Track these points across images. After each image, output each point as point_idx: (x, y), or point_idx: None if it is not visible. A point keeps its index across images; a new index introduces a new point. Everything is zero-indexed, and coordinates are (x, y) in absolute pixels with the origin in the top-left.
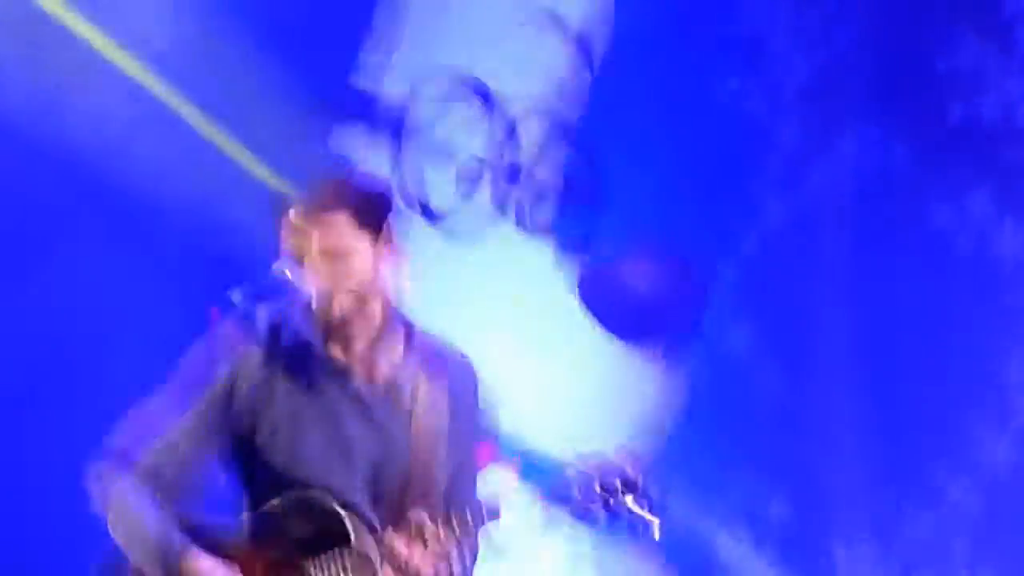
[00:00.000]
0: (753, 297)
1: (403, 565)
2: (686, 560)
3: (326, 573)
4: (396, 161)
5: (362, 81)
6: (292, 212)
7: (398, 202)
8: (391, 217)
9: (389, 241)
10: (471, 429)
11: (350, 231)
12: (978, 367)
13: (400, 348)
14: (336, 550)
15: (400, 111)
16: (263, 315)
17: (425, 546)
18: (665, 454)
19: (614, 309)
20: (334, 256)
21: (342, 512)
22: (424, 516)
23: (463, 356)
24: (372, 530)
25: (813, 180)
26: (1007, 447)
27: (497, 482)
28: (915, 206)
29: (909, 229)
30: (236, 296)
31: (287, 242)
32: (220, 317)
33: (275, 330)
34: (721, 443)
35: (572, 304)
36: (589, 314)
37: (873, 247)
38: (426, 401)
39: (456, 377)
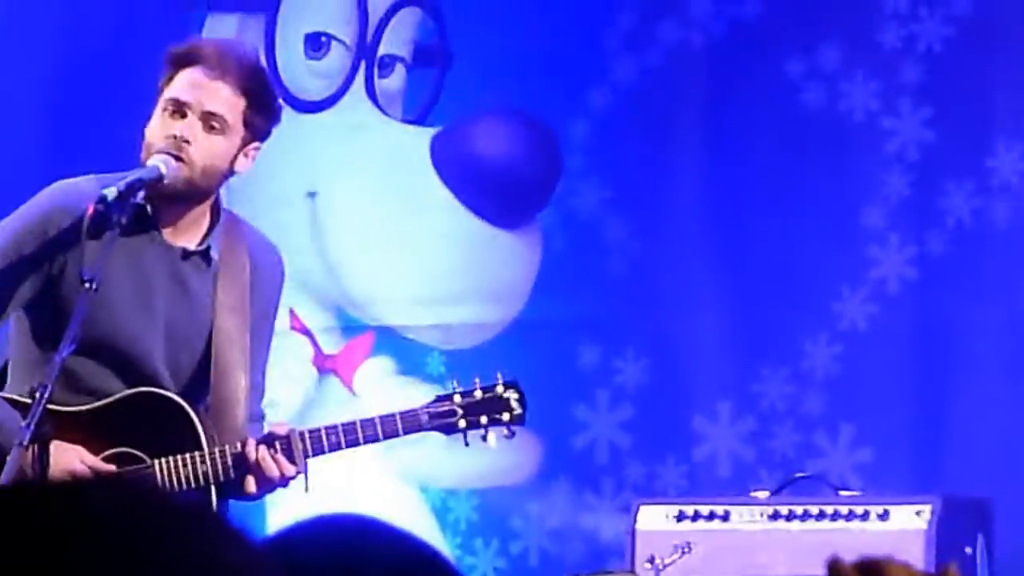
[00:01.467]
0: (604, 155)
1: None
2: (543, 425)
3: (173, 475)
4: (268, 50)
5: None
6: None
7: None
8: (266, 136)
9: (249, 156)
10: (271, 307)
11: (236, 114)
12: (831, 221)
13: (210, 214)
14: (188, 455)
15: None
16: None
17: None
18: (521, 320)
19: (468, 176)
20: (206, 122)
21: (193, 416)
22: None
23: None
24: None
25: (664, 34)
26: (862, 301)
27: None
28: (767, 59)
29: (761, 82)
30: (111, 192)
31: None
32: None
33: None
34: (576, 308)
35: (425, 172)
36: (443, 183)
37: (725, 101)
38: (230, 260)
39: (257, 248)
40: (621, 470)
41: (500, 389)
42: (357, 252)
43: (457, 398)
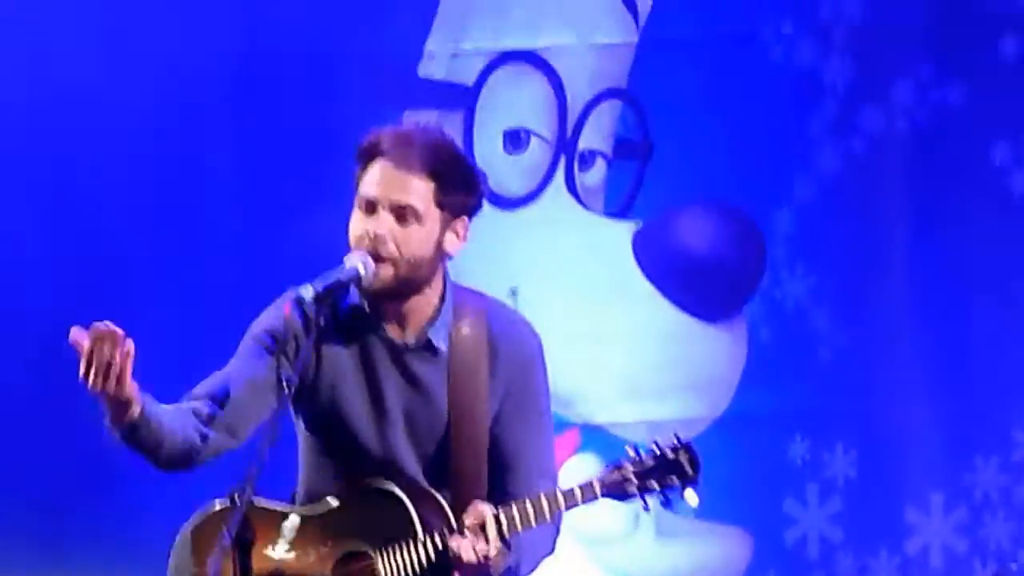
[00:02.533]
0: (809, 245)
1: (465, 564)
2: (753, 520)
3: (394, 565)
4: (467, 146)
5: (427, 68)
6: (374, 159)
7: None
8: (475, 209)
9: (459, 234)
10: (523, 385)
11: (426, 200)
12: None
13: (436, 301)
14: (403, 543)
15: (466, 95)
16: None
17: (487, 541)
18: (729, 413)
19: (670, 269)
20: (397, 215)
21: (408, 504)
22: (483, 513)
23: (509, 309)
24: (424, 496)
25: (868, 123)
26: None
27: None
28: (973, 145)
29: (966, 168)
30: (307, 292)
31: (360, 187)
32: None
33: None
34: (783, 400)
35: (628, 267)
36: (647, 277)
37: (930, 188)
38: (462, 347)
39: (499, 325)
40: (832, 564)
41: (671, 453)
42: (561, 348)
43: (629, 465)
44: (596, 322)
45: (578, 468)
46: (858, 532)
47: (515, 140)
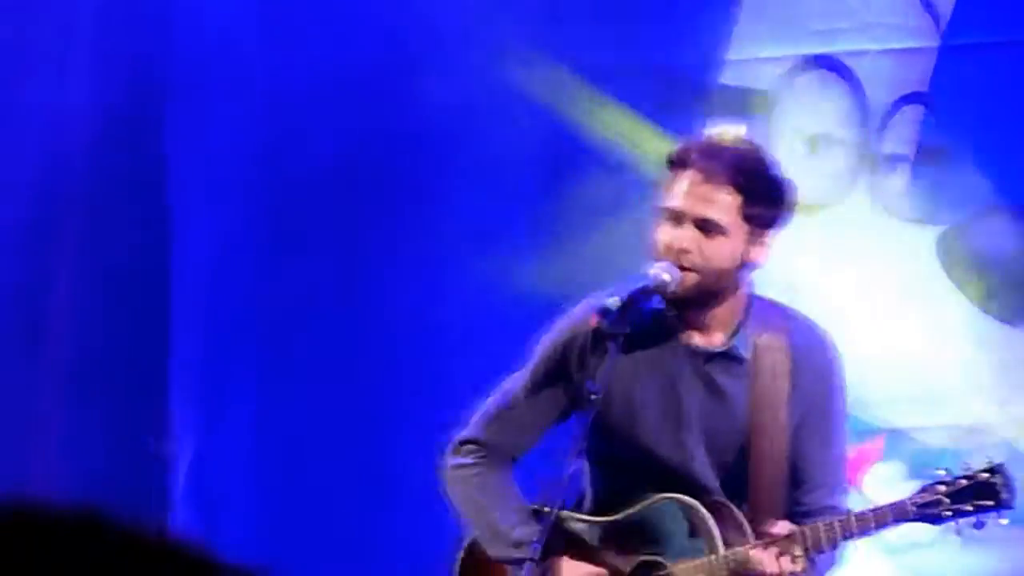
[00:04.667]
0: None
1: None
2: None
3: None
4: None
5: (728, 76)
6: (682, 170)
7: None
8: (781, 221)
9: (765, 245)
10: (822, 400)
11: (731, 214)
12: None
13: (740, 310)
14: (703, 559)
15: (768, 102)
16: (614, 296)
17: (793, 561)
18: None
19: (975, 273)
20: (702, 228)
21: (709, 519)
22: (791, 528)
23: (810, 321)
24: (722, 509)
25: None
26: None
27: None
28: None
29: None
30: (613, 302)
31: (667, 197)
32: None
33: (623, 307)
34: None
35: (933, 272)
36: (952, 282)
37: None
38: (765, 358)
39: (800, 337)
40: None
41: (985, 475)
42: (865, 353)
43: (942, 487)
44: (900, 326)
45: (883, 474)
46: None
47: (817, 146)
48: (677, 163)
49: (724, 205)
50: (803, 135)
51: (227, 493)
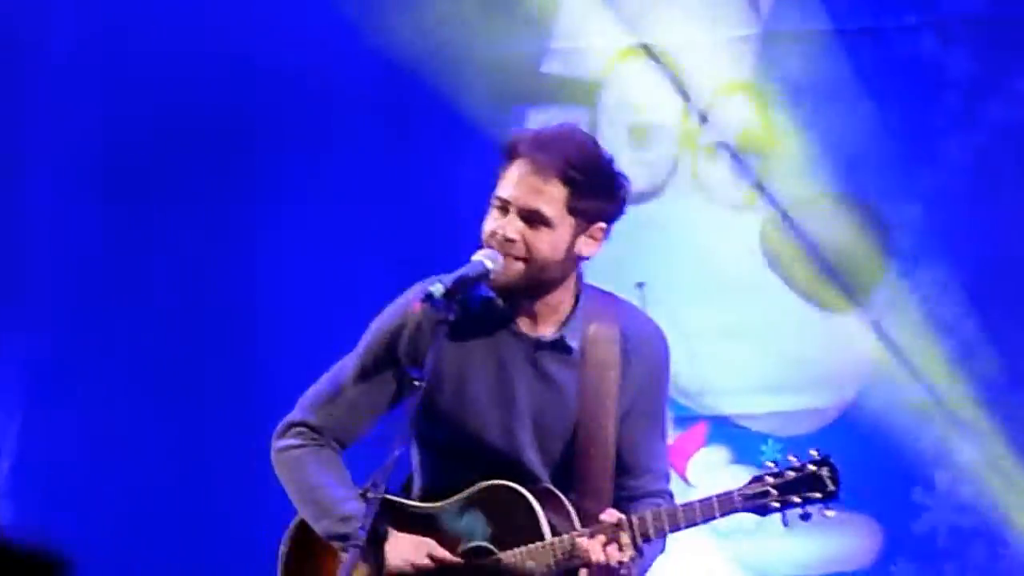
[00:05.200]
0: (935, 236)
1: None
2: (882, 509)
3: (517, 568)
4: None
5: (552, 65)
6: (513, 160)
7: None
8: (612, 215)
9: (596, 238)
10: (651, 388)
11: (557, 207)
12: None
13: (569, 301)
14: (530, 547)
15: (591, 91)
16: (437, 283)
17: (620, 549)
18: (857, 403)
19: (798, 262)
20: (527, 219)
21: (536, 506)
22: (619, 517)
23: (640, 311)
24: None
25: (990, 114)
26: None
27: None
28: None
29: None
30: (437, 289)
31: (497, 185)
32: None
33: (447, 293)
34: (911, 390)
35: (755, 259)
36: (773, 269)
37: None
38: (594, 348)
39: (630, 327)
40: (963, 553)
41: (813, 467)
42: (689, 342)
43: (769, 479)
44: (724, 315)
45: (706, 460)
46: (988, 520)
47: (639, 135)
48: (508, 153)
49: (550, 197)
50: (626, 124)
51: (52, 484)
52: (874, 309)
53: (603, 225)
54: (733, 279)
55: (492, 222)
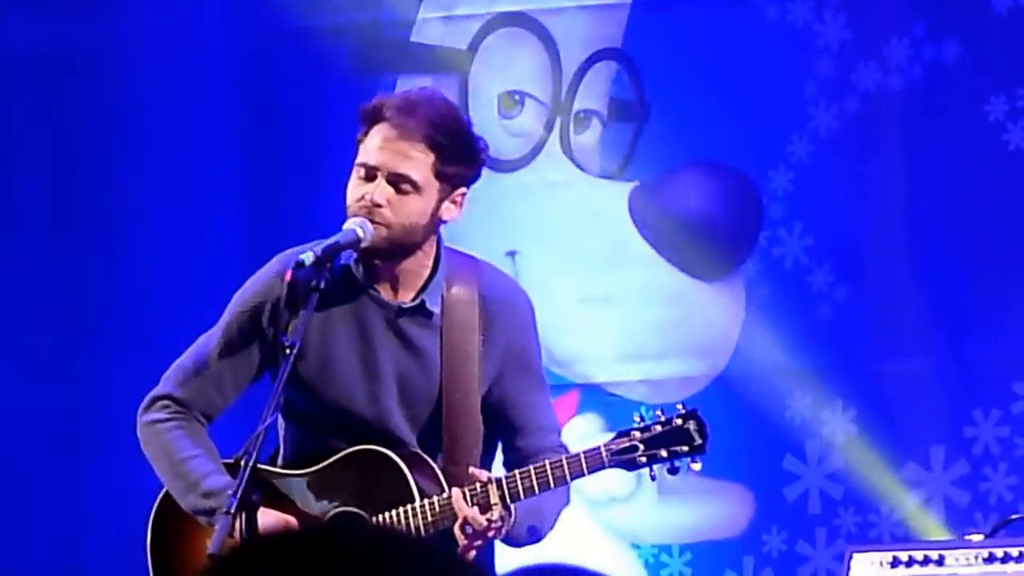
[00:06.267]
0: (805, 204)
1: (467, 526)
2: (754, 477)
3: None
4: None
5: (421, 34)
6: (376, 124)
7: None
8: (473, 179)
9: (457, 203)
10: (520, 347)
11: (425, 171)
12: None
13: (429, 264)
14: (400, 509)
15: (460, 59)
16: (307, 251)
17: (490, 508)
18: (728, 371)
19: (667, 230)
20: (395, 184)
21: (405, 469)
22: (486, 476)
23: (501, 272)
24: (418, 461)
25: (863, 81)
26: None
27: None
28: (967, 101)
29: (961, 124)
30: (307, 257)
31: (360, 152)
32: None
33: (317, 261)
34: (782, 359)
35: (625, 228)
36: (643, 238)
37: (925, 146)
38: (455, 310)
39: (491, 290)
40: (834, 520)
41: (679, 421)
42: (559, 310)
43: (636, 433)
44: (594, 283)
45: (579, 428)
46: (859, 488)
47: (510, 103)
48: (371, 118)
49: (418, 162)
50: (496, 92)
51: None
52: (745, 277)
53: (464, 190)
54: (604, 248)
55: (357, 188)
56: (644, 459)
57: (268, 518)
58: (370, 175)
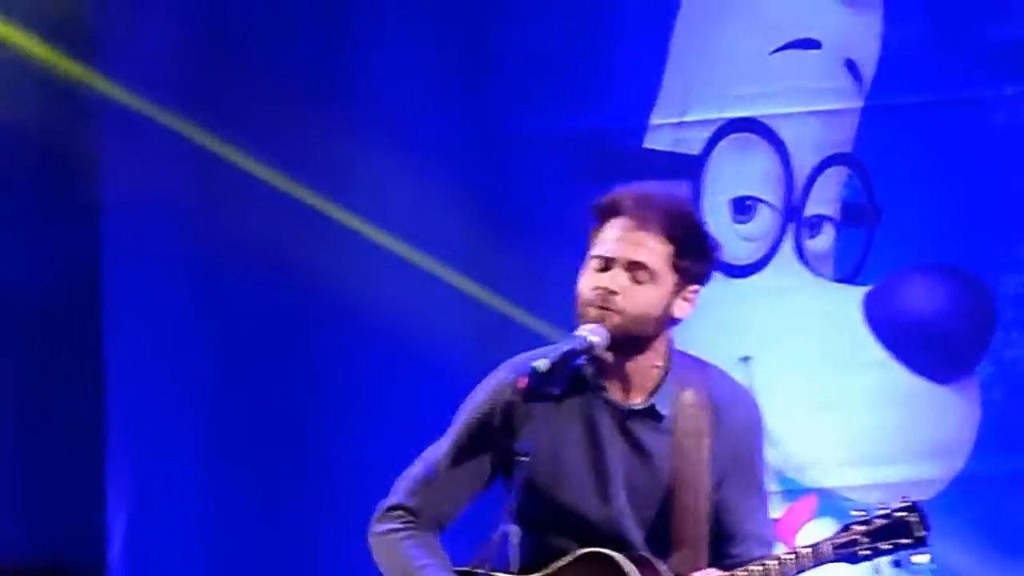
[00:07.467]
0: None
1: None
2: None
3: None
4: None
5: (653, 140)
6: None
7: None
8: (707, 278)
9: (689, 300)
10: (745, 453)
11: (661, 262)
12: None
13: (660, 365)
14: None
15: (692, 164)
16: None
17: None
18: (965, 475)
19: (901, 333)
20: (632, 272)
21: (634, 570)
22: (717, 574)
23: (729, 376)
24: (646, 565)
25: None
26: None
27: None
28: None
29: None
30: (542, 364)
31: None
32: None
33: (552, 368)
34: (1021, 460)
35: (859, 331)
36: (878, 341)
37: None
38: (686, 414)
39: (720, 393)
40: None
41: (900, 514)
42: (794, 415)
43: (859, 527)
44: (828, 387)
45: (815, 534)
46: None
47: (742, 208)
48: (608, 211)
49: (656, 252)
50: (729, 197)
51: (164, 562)
52: (979, 379)
53: (697, 287)
54: (838, 351)
55: (592, 279)
56: (867, 552)
57: None
58: (605, 266)
